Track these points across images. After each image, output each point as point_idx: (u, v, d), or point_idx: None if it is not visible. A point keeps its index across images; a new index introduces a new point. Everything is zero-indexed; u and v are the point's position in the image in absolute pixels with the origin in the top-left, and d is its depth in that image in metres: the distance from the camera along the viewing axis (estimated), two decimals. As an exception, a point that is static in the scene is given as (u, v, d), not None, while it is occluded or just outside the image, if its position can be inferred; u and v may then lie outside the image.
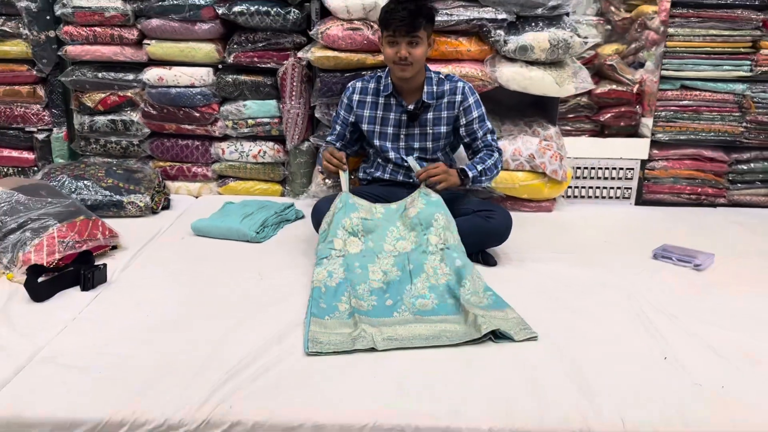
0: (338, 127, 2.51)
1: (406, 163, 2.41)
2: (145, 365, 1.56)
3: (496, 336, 1.69)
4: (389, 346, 1.63)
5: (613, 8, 3.27)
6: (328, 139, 2.55)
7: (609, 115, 3.09)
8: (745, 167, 3.05)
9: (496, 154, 2.36)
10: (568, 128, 3.16)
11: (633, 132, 3.14)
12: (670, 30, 2.88)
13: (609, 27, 3.32)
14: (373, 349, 1.62)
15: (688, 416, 1.41)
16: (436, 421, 1.38)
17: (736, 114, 2.98)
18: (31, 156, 3.08)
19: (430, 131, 2.40)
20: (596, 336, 1.74)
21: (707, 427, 1.40)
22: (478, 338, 1.66)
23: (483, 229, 2.22)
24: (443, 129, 2.39)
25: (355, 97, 2.46)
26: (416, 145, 2.42)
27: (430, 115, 2.38)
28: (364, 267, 2.01)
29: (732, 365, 1.60)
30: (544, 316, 1.82)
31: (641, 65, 3.17)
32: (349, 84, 2.50)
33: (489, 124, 2.40)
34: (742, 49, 2.91)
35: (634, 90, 3.07)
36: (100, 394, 1.45)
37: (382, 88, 2.40)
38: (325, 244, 2.06)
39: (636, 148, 3.02)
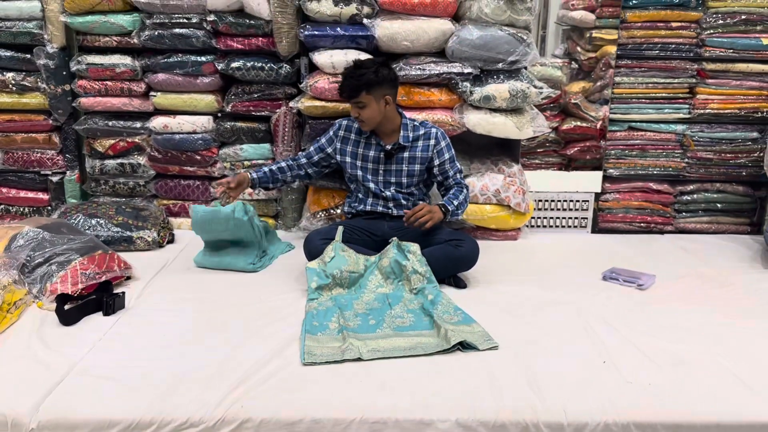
0: (312, 149, 2.83)
1: (384, 194, 2.74)
2: (167, 375, 1.79)
3: (464, 346, 1.96)
4: (373, 356, 1.90)
5: (579, 48, 3.52)
6: (300, 154, 2.87)
7: (575, 149, 3.39)
8: (689, 198, 3.38)
9: (465, 191, 2.70)
10: (537, 161, 3.45)
11: (597, 165, 3.40)
12: (617, 78, 3.24)
13: (575, 66, 3.56)
14: (359, 359, 1.88)
15: (619, 407, 1.67)
16: (412, 414, 1.65)
17: (678, 151, 3.33)
18: (45, 197, 3.30)
19: (406, 168, 2.72)
20: (547, 344, 2.01)
21: (635, 416, 1.65)
22: (448, 348, 1.94)
23: (453, 257, 2.52)
24: (417, 167, 2.72)
25: (341, 133, 2.79)
26: (393, 179, 2.74)
27: (406, 155, 2.71)
28: (349, 301, 2.31)
29: (659, 367, 1.87)
30: (505, 329, 2.08)
31: (606, 102, 3.43)
32: (338, 120, 2.82)
33: (458, 165, 2.75)
34: (680, 95, 3.26)
35: (598, 126, 3.35)
36: (130, 399, 1.68)
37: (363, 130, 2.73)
38: (315, 291, 2.33)
39: (590, 182, 3.34)
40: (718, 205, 3.40)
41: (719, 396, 1.75)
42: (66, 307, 2.18)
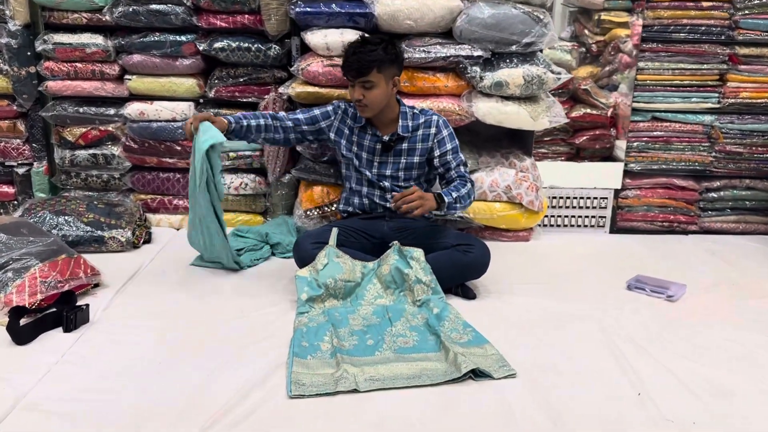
0: (302, 117, 2.49)
1: (380, 183, 2.47)
2: (128, 411, 1.56)
3: (476, 374, 1.72)
4: (371, 387, 1.66)
5: (587, 32, 3.37)
6: (285, 115, 2.50)
7: (584, 138, 3.22)
8: (716, 195, 3.16)
9: (469, 185, 2.40)
10: (544, 151, 3.27)
11: (608, 154, 3.23)
12: (641, 64, 2.98)
13: (583, 50, 3.42)
14: (355, 390, 1.64)
15: (659, 452, 1.46)
16: (415, 462, 1.42)
17: (706, 144, 3.09)
18: (11, 190, 3.08)
19: (404, 161, 2.46)
20: (571, 371, 1.79)
21: (678, 463, 1.45)
22: (458, 377, 1.70)
23: (461, 264, 2.26)
24: (416, 159, 2.45)
25: (339, 112, 2.51)
26: (388, 172, 2.48)
27: (404, 146, 2.44)
28: (344, 316, 2.07)
29: (702, 401, 1.64)
30: (521, 351, 1.86)
31: (615, 88, 3.26)
32: (339, 101, 2.54)
33: (462, 157, 2.46)
34: (709, 82, 3.02)
35: (608, 113, 3.18)
36: (84, 442, 1.46)
37: (357, 118, 2.46)
38: (306, 304, 2.10)
39: (609, 178, 3.10)
40: (747, 203, 3.18)
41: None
42: (21, 322, 1.93)
